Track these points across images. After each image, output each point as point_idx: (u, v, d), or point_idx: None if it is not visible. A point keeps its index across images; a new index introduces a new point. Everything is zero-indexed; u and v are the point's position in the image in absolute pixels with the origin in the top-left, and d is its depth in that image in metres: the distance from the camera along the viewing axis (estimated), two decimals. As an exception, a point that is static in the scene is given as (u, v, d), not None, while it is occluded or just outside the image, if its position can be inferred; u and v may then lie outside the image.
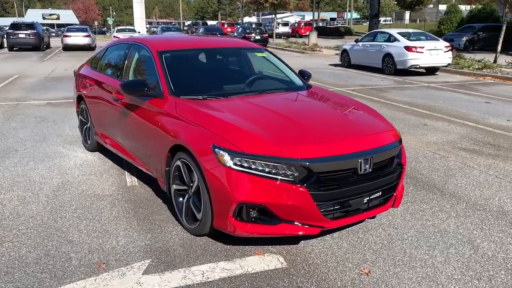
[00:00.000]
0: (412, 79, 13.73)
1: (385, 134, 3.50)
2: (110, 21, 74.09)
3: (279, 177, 2.97)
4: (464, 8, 40.30)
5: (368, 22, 50.50)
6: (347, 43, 18.83)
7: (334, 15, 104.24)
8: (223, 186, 3.05)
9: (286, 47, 28.64)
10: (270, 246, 3.34)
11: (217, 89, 4.19)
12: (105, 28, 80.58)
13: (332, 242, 3.42)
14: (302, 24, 46.23)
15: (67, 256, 3.22)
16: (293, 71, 4.83)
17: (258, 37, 30.01)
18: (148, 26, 63.98)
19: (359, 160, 3.13)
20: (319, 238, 3.46)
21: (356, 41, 16.78)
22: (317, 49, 25.45)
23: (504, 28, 16.25)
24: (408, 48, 13.94)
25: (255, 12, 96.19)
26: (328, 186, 3.04)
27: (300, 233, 3.10)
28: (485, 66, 14.74)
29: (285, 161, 2.97)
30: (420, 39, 14.63)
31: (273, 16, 38.08)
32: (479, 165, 5.33)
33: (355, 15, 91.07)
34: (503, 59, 16.89)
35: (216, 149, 3.10)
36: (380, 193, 3.34)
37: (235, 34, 32.70)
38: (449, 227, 3.68)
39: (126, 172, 5.00)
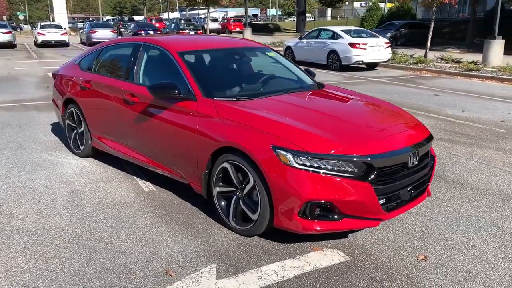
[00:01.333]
0: (359, 74, 14.45)
1: (421, 128, 3.76)
2: (21, 15, 68.92)
3: (343, 174, 3.09)
4: (384, 5, 42.81)
5: (290, 19, 51.89)
6: (290, 40, 19.28)
7: (256, 11, 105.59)
8: (288, 185, 3.11)
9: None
10: (323, 242, 3.46)
11: (244, 89, 4.21)
12: (14, 23, 74.47)
13: (377, 233, 3.61)
14: (232, 20, 46.31)
15: (126, 267, 3.10)
16: (301, 70, 4.96)
17: (192, 34, 29.64)
18: (72, 21, 60.47)
19: (410, 154, 3.35)
20: (362, 231, 3.65)
21: (300, 38, 17.26)
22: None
23: (432, 25, 17.57)
24: (352, 45, 14.63)
25: (178, 8, 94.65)
26: (385, 180, 3.22)
27: (362, 226, 3.25)
28: (420, 61, 15.87)
29: (348, 158, 3.11)
30: (361, 36, 15.39)
31: (198, 11, 37.74)
32: (462, 153, 5.83)
33: (278, 11, 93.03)
34: (427, 53, 18.27)
35: (278, 150, 3.15)
36: (420, 183, 3.59)
37: (167, 30, 32.02)
38: (469, 212, 4.03)
39: (134, 177, 4.84)
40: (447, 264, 3.16)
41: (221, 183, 3.65)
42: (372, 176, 3.15)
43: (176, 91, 3.84)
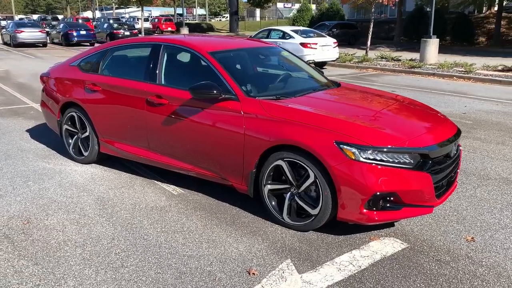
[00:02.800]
0: (311, 73, 14.92)
1: (450, 121, 4.07)
2: None
3: (404, 166, 3.30)
4: (314, 7, 44.30)
5: (217, 19, 52.07)
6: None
7: (180, 10, 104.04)
8: (355, 179, 3.25)
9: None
10: (376, 231, 3.65)
11: (277, 88, 4.29)
12: None
13: (418, 220, 3.87)
14: (163, 20, 45.39)
15: (204, 270, 3.07)
16: (314, 68, 5.12)
17: (127, 33, 28.75)
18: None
19: (452, 145, 3.64)
20: (403, 219, 3.88)
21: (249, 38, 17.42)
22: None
23: (372, 25, 18.57)
24: (303, 45, 15.07)
25: (98, 7, 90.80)
26: (437, 169, 3.48)
27: (419, 214, 3.48)
28: (364, 59, 16.73)
29: (409, 151, 3.31)
30: (310, 36, 15.90)
31: (125, 10, 36.64)
32: (447, 144, 6.32)
33: (203, 11, 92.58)
34: (362, 52, 19.33)
35: (342, 145, 3.28)
36: (455, 172, 3.90)
37: (99, 30, 30.70)
38: (484, 195, 4.42)
39: (154, 181, 4.72)
40: (493, 243, 3.48)
41: (272, 181, 3.71)
42: (429, 166, 3.38)
43: (218, 92, 3.83)
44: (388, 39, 33.48)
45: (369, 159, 3.24)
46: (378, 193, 3.25)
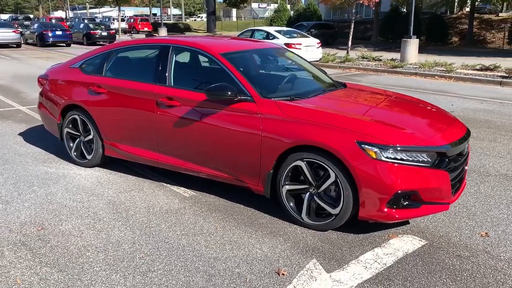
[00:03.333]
0: (296, 73, 15.02)
1: (459, 121, 4.17)
2: None
3: (423, 164, 3.37)
4: (288, 7, 44.55)
5: (191, 18, 51.85)
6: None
7: (155, 10, 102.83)
8: (377, 178, 3.30)
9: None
10: (394, 229, 3.72)
11: (288, 89, 4.31)
12: None
13: (431, 217, 3.95)
14: (139, 20, 44.86)
15: (233, 272, 3.07)
16: (318, 68, 5.16)
17: (104, 33, 28.27)
18: None
19: (466, 143, 3.74)
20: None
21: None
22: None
23: (352, 25, 18.83)
24: (288, 45, 15.13)
25: (70, 6, 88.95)
26: (453, 167, 3.57)
27: (436, 211, 3.56)
28: (346, 59, 16.94)
29: (429, 149, 3.39)
30: (294, 36, 16.03)
31: (99, 9, 36.10)
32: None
33: (177, 11, 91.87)
34: (342, 52, 19.58)
35: (363, 145, 3.33)
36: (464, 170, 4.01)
37: (76, 30, 30.08)
38: (488, 191, 4.55)
39: (163, 183, 4.68)
40: (507, 237, 3.59)
41: (290, 182, 3.73)
42: (447, 164, 3.47)
43: (234, 93, 3.83)
44: (364, 39, 33.96)
45: (390, 158, 3.30)
46: (399, 192, 3.31)
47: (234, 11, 60.21)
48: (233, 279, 2.99)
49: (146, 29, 42.85)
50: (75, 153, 5.21)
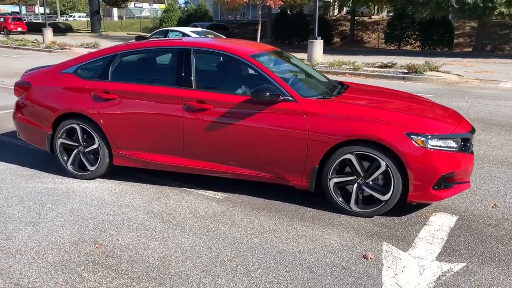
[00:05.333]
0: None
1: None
2: None
3: (455, 149, 3.90)
4: (178, 7, 44.11)
5: (62, 18, 48.78)
6: (131, 41, 18.47)
7: (14, 8, 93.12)
8: (425, 164, 3.74)
9: (20, 45, 25.11)
10: (424, 209, 4.20)
11: (312, 88, 4.55)
12: None
13: (444, 195, 4.53)
14: (11, 19, 40.50)
15: (325, 262, 3.26)
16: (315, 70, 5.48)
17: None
18: None
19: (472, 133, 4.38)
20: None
21: (143, 38, 16.87)
22: (67, 47, 23.57)
23: (260, 26, 19.51)
24: (206, 46, 15.20)
25: None
26: (471, 151, 4.17)
27: (464, 189, 4.11)
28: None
29: (459, 136, 3.93)
30: (208, 37, 16.10)
31: None
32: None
33: (45, 9, 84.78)
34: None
35: (411, 136, 3.75)
36: None
37: None
38: (497, 173, 5.30)
39: (185, 188, 4.60)
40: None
41: (336, 174, 4.00)
42: (469, 148, 4.05)
43: (277, 94, 3.97)
44: (254, 39, 35.23)
45: (434, 145, 3.77)
46: (443, 175, 3.79)
47: (115, 10, 57.62)
48: (330, 267, 3.17)
49: (20, 29, 38.98)
50: (71, 166, 4.81)
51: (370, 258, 3.31)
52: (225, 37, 16.85)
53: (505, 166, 5.44)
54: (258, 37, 19.82)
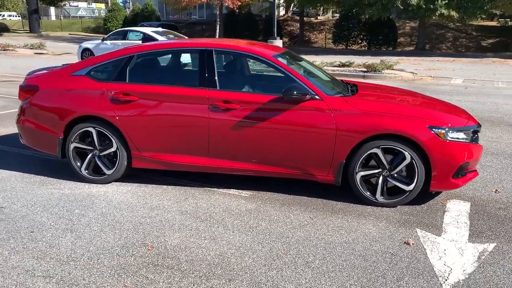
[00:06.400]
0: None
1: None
2: None
3: (468, 141, 4.25)
4: (103, 6, 42.71)
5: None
6: (87, 42, 17.78)
7: None
8: (447, 155, 4.05)
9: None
10: (437, 197, 4.53)
11: (329, 87, 4.74)
12: None
13: (450, 184, 4.89)
14: None
15: (373, 250, 3.46)
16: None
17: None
18: None
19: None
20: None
21: (103, 39, 16.36)
22: (10, 48, 22.35)
23: (218, 26, 19.52)
24: (169, 46, 15.02)
25: None
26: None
27: (473, 177, 4.47)
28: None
29: (472, 129, 4.29)
30: (170, 38, 15.92)
31: None
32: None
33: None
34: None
35: (434, 129, 4.05)
36: None
37: None
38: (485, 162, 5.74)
39: (207, 188, 4.64)
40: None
41: (363, 168, 4.22)
42: (478, 139, 4.42)
43: (305, 93, 4.14)
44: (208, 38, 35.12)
45: (453, 137, 4.09)
46: (462, 164, 4.12)
47: (52, 9, 55.03)
48: (380, 255, 3.38)
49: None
50: (86, 171, 4.70)
51: (412, 244, 3.56)
52: (186, 37, 16.73)
53: (490, 156, 5.93)
54: (217, 35, 19.78)
